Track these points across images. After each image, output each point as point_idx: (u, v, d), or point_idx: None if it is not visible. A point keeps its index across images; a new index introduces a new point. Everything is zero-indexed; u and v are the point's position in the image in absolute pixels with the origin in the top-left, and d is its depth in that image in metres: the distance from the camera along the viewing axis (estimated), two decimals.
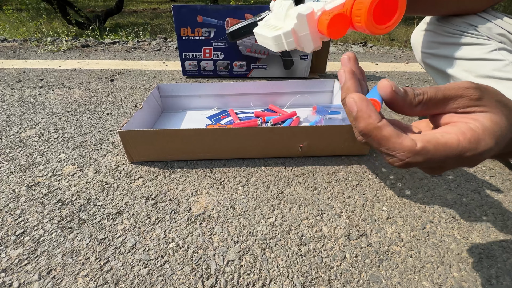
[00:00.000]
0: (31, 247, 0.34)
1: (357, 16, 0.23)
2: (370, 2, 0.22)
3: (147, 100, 0.57)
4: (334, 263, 0.33)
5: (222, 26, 0.85)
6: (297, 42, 0.28)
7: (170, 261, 0.33)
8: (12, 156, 0.52)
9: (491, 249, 0.35)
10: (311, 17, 0.26)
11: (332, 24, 0.24)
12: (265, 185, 0.45)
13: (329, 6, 0.27)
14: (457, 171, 0.49)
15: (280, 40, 0.28)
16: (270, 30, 0.32)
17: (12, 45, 1.43)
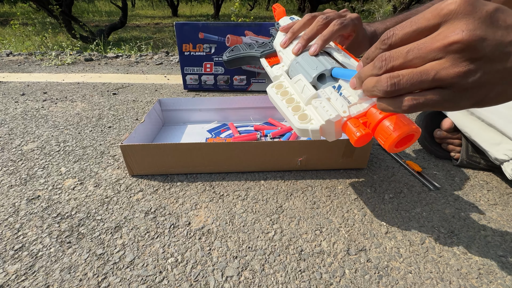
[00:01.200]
0: (29, 262, 0.34)
1: (381, 140, 0.27)
2: (394, 139, 0.25)
3: (148, 114, 0.58)
4: (333, 279, 0.32)
5: (223, 42, 0.87)
6: (321, 135, 0.31)
7: (169, 276, 0.33)
8: (13, 169, 0.52)
9: (490, 264, 0.35)
10: (338, 122, 0.29)
11: (359, 140, 0.28)
12: (264, 199, 0.45)
13: (353, 111, 0.29)
14: (455, 184, 0.49)
15: (307, 132, 0.31)
16: (292, 112, 0.32)
17: (17, 59, 1.46)
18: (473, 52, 0.18)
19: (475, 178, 0.51)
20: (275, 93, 0.35)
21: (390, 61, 0.21)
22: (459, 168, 0.54)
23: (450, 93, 0.20)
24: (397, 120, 0.26)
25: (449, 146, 0.55)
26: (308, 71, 0.34)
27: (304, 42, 0.36)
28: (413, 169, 0.52)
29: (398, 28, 0.22)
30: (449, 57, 0.19)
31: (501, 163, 0.45)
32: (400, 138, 0.25)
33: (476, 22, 0.18)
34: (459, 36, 0.18)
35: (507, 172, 0.44)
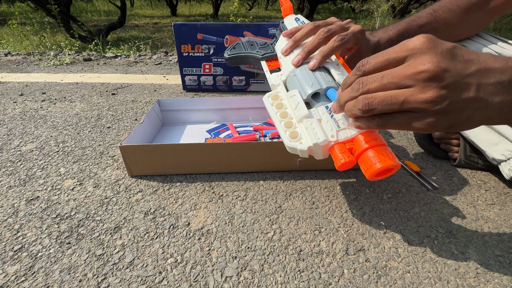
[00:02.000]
0: (29, 263, 0.34)
1: (363, 168, 0.29)
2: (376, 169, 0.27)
3: (147, 115, 0.58)
4: (332, 279, 0.33)
5: (221, 43, 0.87)
6: (309, 154, 0.32)
7: (168, 277, 0.33)
8: (12, 170, 0.52)
9: (488, 264, 0.35)
10: (325, 146, 0.31)
11: (342, 166, 0.30)
12: (263, 199, 0.45)
13: (341, 136, 0.31)
14: (453, 184, 0.49)
15: (296, 151, 0.32)
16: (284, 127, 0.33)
17: (15, 59, 1.45)
18: (439, 81, 0.21)
19: (473, 178, 0.51)
20: (270, 104, 0.35)
21: (367, 84, 0.24)
22: (457, 168, 0.54)
23: (419, 117, 0.22)
24: (381, 152, 0.28)
25: (447, 146, 0.56)
26: (304, 87, 0.34)
27: (305, 55, 0.37)
28: (411, 169, 0.52)
29: (372, 58, 0.25)
30: (418, 85, 0.21)
31: (499, 163, 0.46)
32: (382, 170, 0.27)
33: (438, 56, 0.21)
34: (426, 66, 0.21)
35: (504, 172, 0.45)
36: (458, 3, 0.44)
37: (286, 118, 0.34)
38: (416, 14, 0.46)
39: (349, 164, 0.29)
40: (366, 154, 0.28)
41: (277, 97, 0.36)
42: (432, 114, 0.22)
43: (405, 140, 0.65)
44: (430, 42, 0.21)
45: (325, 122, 0.32)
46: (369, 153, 0.28)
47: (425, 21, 0.44)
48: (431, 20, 0.44)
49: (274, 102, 0.35)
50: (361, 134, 0.29)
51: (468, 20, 0.45)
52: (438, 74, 0.21)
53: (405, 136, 0.67)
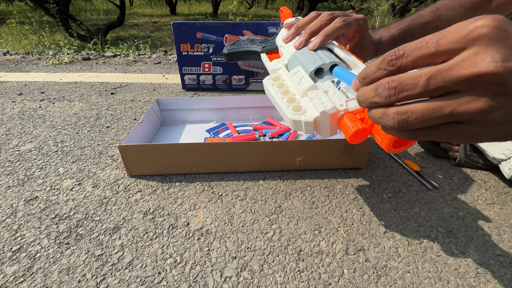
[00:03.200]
0: (27, 263, 0.34)
1: (378, 138, 0.25)
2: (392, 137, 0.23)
3: (146, 114, 0.58)
4: (332, 279, 0.33)
5: (221, 42, 0.87)
6: (315, 129, 0.29)
7: (168, 277, 0.33)
8: (10, 170, 0.52)
9: (488, 264, 0.35)
10: (334, 116, 0.28)
11: (354, 136, 0.26)
12: (263, 199, 0.45)
13: (351, 105, 0.27)
14: (453, 183, 0.49)
15: (300, 125, 0.29)
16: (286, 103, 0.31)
17: (14, 58, 1.45)
18: (501, 87, 0.16)
19: (473, 178, 0.51)
20: (271, 85, 0.33)
21: (403, 90, 0.18)
22: (457, 168, 0.54)
23: (465, 129, 0.18)
24: None
25: (447, 145, 0.55)
26: (306, 65, 0.33)
27: (307, 36, 0.36)
28: (411, 168, 0.52)
29: (411, 48, 0.18)
30: (472, 91, 0.16)
31: (499, 162, 0.45)
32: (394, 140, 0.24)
33: (509, 51, 0.15)
34: (491, 67, 0.15)
35: (504, 171, 0.44)
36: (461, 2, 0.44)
37: (288, 95, 0.32)
38: (418, 13, 0.46)
39: (362, 133, 0.25)
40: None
41: (278, 79, 0.34)
42: (482, 125, 0.17)
43: None
44: (502, 31, 0.16)
45: (332, 93, 0.29)
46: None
47: (427, 19, 0.44)
48: (434, 19, 0.44)
49: (275, 83, 0.34)
50: None
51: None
52: (503, 77, 0.15)
53: None
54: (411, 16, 0.45)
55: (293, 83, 0.33)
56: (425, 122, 0.18)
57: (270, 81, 0.34)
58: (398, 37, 0.43)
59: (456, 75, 0.16)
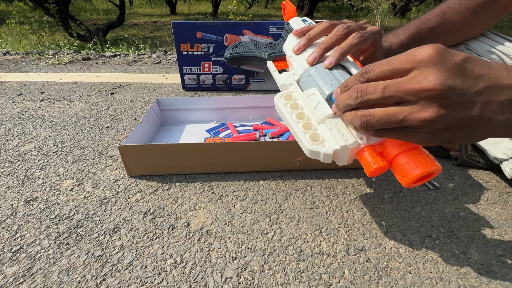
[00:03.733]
0: (27, 264, 0.34)
1: (399, 176, 0.25)
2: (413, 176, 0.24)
3: (146, 114, 0.58)
4: (333, 279, 0.32)
5: (221, 41, 0.87)
6: (333, 159, 0.29)
7: (168, 278, 0.32)
8: (10, 171, 0.52)
9: (490, 264, 0.35)
10: (354, 149, 0.27)
11: (375, 172, 0.26)
12: (263, 199, 0.45)
13: (372, 139, 0.27)
14: (455, 183, 0.49)
15: (318, 155, 0.28)
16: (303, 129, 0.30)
17: (14, 58, 1.45)
18: (443, 100, 0.20)
19: (474, 177, 0.51)
20: (283, 104, 0.32)
21: (367, 93, 0.23)
22: (458, 167, 0.54)
23: (416, 133, 0.22)
24: (418, 156, 0.24)
25: (448, 145, 0.55)
26: (322, 87, 0.31)
27: (321, 52, 0.34)
28: None
29: (376, 65, 0.24)
30: (420, 103, 0.21)
31: (501, 162, 0.45)
32: (421, 176, 0.24)
33: (446, 72, 0.20)
34: (431, 84, 0.20)
35: (506, 171, 0.44)
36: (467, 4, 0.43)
37: (303, 119, 0.30)
38: (425, 16, 0.45)
39: (382, 169, 0.26)
40: (400, 160, 0.25)
41: (290, 97, 0.33)
42: (430, 131, 0.21)
43: None
44: (439, 55, 0.20)
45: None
46: (402, 159, 0.25)
47: (435, 24, 0.43)
48: (441, 23, 0.43)
49: (288, 103, 0.32)
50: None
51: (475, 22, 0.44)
52: (442, 93, 0.19)
53: None
54: (417, 20, 0.44)
55: (307, 106, 0.31)
56: (383, 125, 0.23)
57: (282, 99, 0.32)
58: (407, 43, 0.42)
59: (405, 87, 0.21)
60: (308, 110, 0.31)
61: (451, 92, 0.19)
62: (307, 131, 0.29)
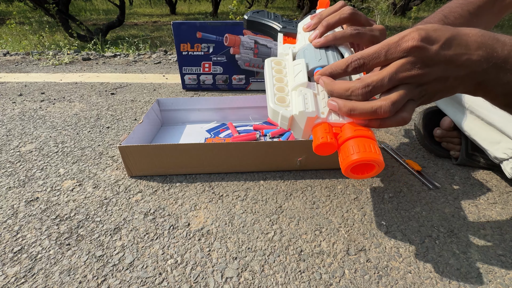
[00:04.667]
0: (28, 264, 0.34)
1: (340, 159, 0.26)
2: (351, 161, 0.24)
3: (147, 115, 0.58)
4: (333, 279, 0.33)
5: (221, 41, 0.87)
6: (289, 126, 0.29)
7: (168, 278, 0.32)
8: (11, 171, 0.52)
9: (490, 264, 0.35)
10: (311, 120, 0.27)
11: (320, 147, 0.26)
12: (263, 199, 0.45)
13: (332, 117, 0.27)
14: (455, 183, 0.49)
15: (277, 116, 0.29)
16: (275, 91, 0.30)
17: (14, 59, 1.45)
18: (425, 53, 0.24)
19: (474, 177, 0.51)
20: (270, 67, 0.32)
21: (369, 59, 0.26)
22: (458, 167, 0.54)
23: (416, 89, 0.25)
24: (365, 143, 0.24)
25: (448, 145, 0.55)
26: (310, 60, 0.32)
27: (323, 29, 0.34)
28: (412, 168, 0.52)
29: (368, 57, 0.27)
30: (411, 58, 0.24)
31: (501, 162, 0.45)
32: (359, 163, 0.24)
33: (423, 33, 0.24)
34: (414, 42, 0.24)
35: (506, 170, 0.44)
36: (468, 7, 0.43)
37: (281, 83, 0.31)
38: (426, 20, 0.45)
39: (328, 146, 0.26)
40: (348, 143, 0.25)
41: (279, 63, 0.33)
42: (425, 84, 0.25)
43: (406, 139, 0.64)
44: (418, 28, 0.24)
45: (321, 98, 0.28)
46: (350, 142, 0.25)
47: None
48: None
49: (275, 66, 0.33)
50: (352, 123, 0.27)
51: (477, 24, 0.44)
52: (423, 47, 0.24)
53: (407, 134, 0.66)
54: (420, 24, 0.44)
55: (290, 73, 0.32)
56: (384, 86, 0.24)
57: (271, 63, 0.33)
58: None
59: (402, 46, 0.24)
60: (289, 77, 0.31)
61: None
62: (278, 93, 0.30)
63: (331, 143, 0.26)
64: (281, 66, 0.33)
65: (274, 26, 0.41)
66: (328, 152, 0.27)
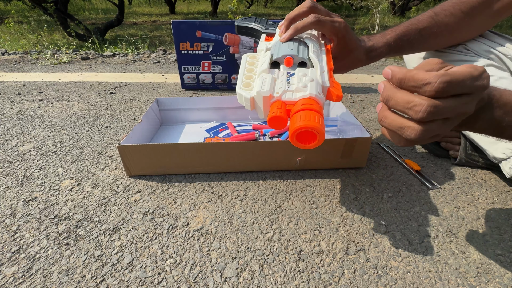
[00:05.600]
0: (27, 264, 0.34)
1: (289, 131, 0.28)
2: (296, 128, 0.27)
3: (146, 114, 0.58)
4: (332, 279, 0.32)
5: (220, 40, 0.87)
6: (253, 107, 0.32)
7: (167, 278, 0.32)
8: (9, 171, 0.52)
9: (489, 263, 0.35)
10: (267, 99, 0.31)
11: (271, 120, 0.29)
12: (263, 199, 0.45)
13: (286, 96, 0.30)
14: (454, 182, 0.49)
15: (242, 98, 0.32)
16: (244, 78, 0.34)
17: (12, 58, 1.44)
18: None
19: (473, 177, 0.51)
20: (245, 60, 0.36)
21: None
22: (457, 167, 0.54)
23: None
24: (310, 115, 0.27)
25: (448, 144, 0.55)
26: (276, 51, 0.35)
27: (286, 23, 0.38)
28: (412, 168, 0.52)
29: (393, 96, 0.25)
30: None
31: (499, 162, 0.45)
32: (301, 130, 0.26)
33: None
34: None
35: (505, 170, 0.44)
36: (461, 7, 0.43)
37: (250, 72, 0.35)
38: (416, 18, 0.45)
39: (278, 119, 0.28)
40: (296, 115, 0.28)
41: (254, 57, 0.37)
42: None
43: None
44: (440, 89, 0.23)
45: (279, 81, 0.32)
46: (298, 114, 0.28)
47: (425, 25, 0.43)
48: (432, 24, 0.43)
49: (250, 60, 0.37)
50: (303, 99, 0.29)
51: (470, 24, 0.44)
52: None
53: None
54: (408, 21, 0.44)
55: (260, 64, 0.35)
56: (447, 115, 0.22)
57: (247, 57, 0.37)
58: (393, 43, 0.43)
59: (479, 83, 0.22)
60: (259, 67, 0.35)
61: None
62: (246, 80, 0.34)
63: (281, 116, 0.28)
64: (255, 59, 0.37)
65: (259, 29, 0.46)
66: (281, 126, 0.29)
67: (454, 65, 0.23)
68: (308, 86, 0.29)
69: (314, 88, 0.29)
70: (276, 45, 0.37)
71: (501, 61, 0.44)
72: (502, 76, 0.42)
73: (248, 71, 0.35)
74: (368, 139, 0.48)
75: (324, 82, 0.31)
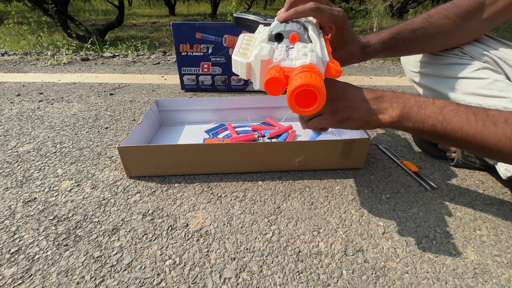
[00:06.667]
0: (26, 265, 0.34)
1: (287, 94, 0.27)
2: (294, 87, 0.25)
3: (145, 115, 0.58)
4: (331, 280, 0.33)
5: (220, 42, 0.87)
6: (248, 75, 0.31)
7: (167, 279, 0.33)
8: (9, 171, 0.52)
9: (486, 264, 0.35)
10: (265, 64, 0.29)
11: (269, 82, 0.27)
12: (262, 200, 0.45)
13: (285, 63, 0.29)
14: (451, 184, 0.50)
15: (236, 65, 0.31)
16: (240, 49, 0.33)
17: (12, 59, 1.44)
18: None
19: (470, 178, 0.51)
20: (242, 38, 0.36)
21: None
22: (455, 168, 0.54)
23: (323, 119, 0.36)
24: (311, 75, 0.25)
25: (445, 146, 0.56)
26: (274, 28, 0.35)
27: (287, 6, 0.37)
28: (409, 169, 0.52)
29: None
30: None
31: (495, 163, 0.46)
32: (300, 89, 0.25)
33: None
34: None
35: (501, 171, 0.45)
36: (455, 10, 0.44)
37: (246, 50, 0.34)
38: (411, 19, 0.46)
39: (276, 82, 0.27)
40: (296, 75, 0.26)
41: (251, 37, 0.37)
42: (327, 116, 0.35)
43: (403, 141, 0.65)
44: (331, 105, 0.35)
45: (278, 51, 0.31)
46: (298, 74, 0.26)
47: (419, 25, 0.44)
48: (426, 25, 0.44)
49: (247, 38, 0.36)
50: (303, 66, 0.27)
51: (464, 28, 0.44)
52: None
53: (404, 136, 0.67)
54: (403, 22, 0.45)
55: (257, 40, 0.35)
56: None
57: (244, 36, 0.37)
58: (387, 41, 0.43)
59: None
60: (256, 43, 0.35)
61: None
62: (242, 50, 0.33)
63: (279, 78, 0.27)
64: (252, 38, 0.36)
65: (257, 20, 0.46)
66: (278, 90, 0.27)
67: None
68: (308, 55, 0.28)
69: (314, 56, 0.28)
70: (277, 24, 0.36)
71: (496, 64, 0.45)
72: (497, 79, 0.43)
73: (245, 45, 0.34)
74: (366, 140, 0.49)
75: (324, 56, 0.30)
